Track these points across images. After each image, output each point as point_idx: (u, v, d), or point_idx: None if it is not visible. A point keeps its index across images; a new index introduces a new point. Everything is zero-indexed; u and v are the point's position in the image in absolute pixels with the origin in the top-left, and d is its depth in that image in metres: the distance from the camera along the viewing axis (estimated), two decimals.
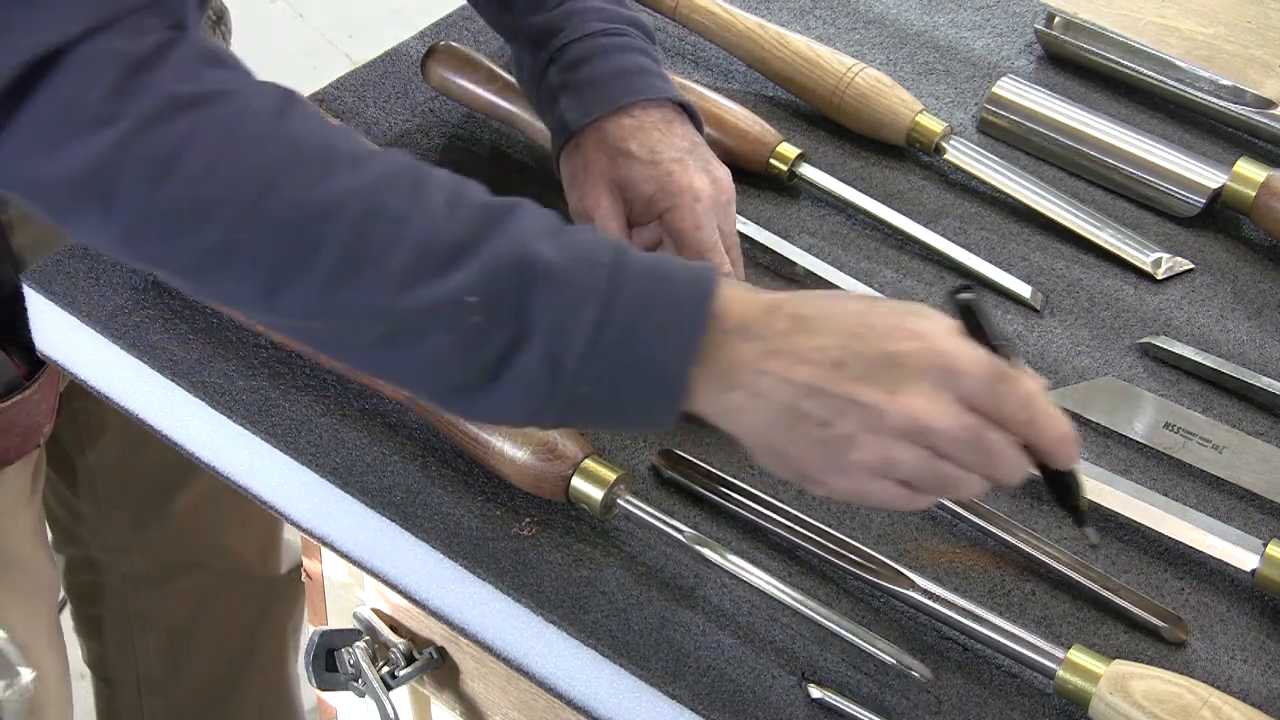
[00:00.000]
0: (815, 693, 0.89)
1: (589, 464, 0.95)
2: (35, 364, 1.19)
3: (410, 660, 1.09)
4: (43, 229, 1.26)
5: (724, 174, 1.04)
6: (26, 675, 1.40)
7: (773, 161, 1.21)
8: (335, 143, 0.79)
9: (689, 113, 1.06)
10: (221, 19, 1.42)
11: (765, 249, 1.15)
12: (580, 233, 0.81)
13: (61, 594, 1.54)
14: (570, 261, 0.78)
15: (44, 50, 0.76)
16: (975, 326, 0.81)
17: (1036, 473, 0.84)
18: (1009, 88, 1.29)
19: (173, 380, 1.04)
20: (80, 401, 1.36)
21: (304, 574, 1.30)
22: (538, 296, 0.77)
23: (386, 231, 0.77)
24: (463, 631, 0.98)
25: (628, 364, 0.78)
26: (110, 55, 0.77)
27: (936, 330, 0.80)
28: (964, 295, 0.81)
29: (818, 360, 0.78)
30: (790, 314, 0.80)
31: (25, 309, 1.12)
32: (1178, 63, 1.31)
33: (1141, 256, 1.18)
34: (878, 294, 1.12)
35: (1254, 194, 1.18)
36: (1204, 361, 1.09)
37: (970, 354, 0.79)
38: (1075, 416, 1.06)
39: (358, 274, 0.77)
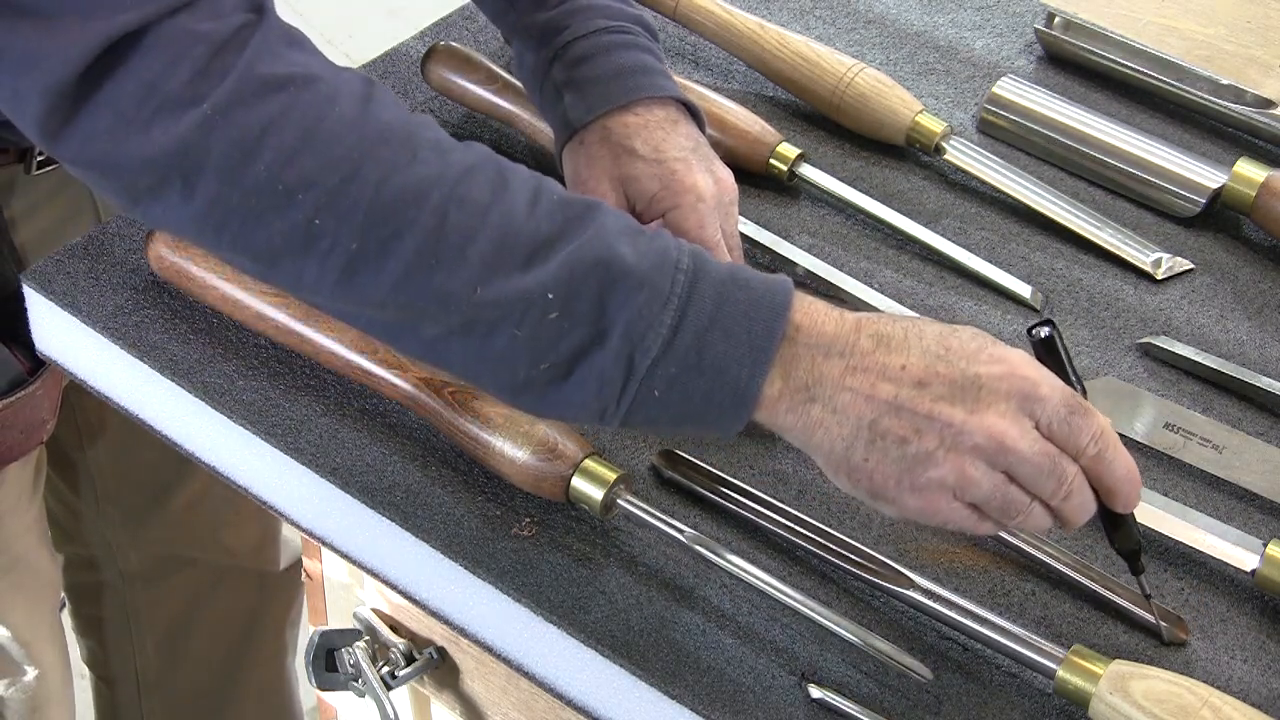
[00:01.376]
0: (815, 693, 0.89)
1: (589, 464, 0.95)
2: (39, 360, 1.19)
3: (410, 660, 1.09)
4: (45, 226, 1.26)
5: (727, 174, 1.04)
6: (29, 673, 1.40)
7: (773, 161, 1.21)
8: (419, 130, 0.80)
9: (692, 112, 1.06)
10: None
11: (765, 249, 1.15)
12: (659, 237, 0.81)
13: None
14: (651, 265, 0.78)
15: (125, 29, 0.75)
16: (1053, 360, 0.83)
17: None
18: (1009, 88, 1.29)
19: (173, 380, 1.04)
20: (80, 399, 1.36)
21: (304, 574, 1.30)
22: (616, 297, 0.78)
23: (468, 222, 0.77)
24: (463, 631, 0.98)
25: (700, 369, 0.79)
26: (193, 35, 0.76)
27: (1019, 357, 0.82)
28: (1045, 330, 0.84)
29: (901, 378, 0.80)
30: (873, 333, 0.81)
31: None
32: (1178, 63, 1.31)
33: (1141, 256, 1.18)
34: (885, 298, 1.13)
35: (1254, 194, 1.18)
36: (1204, 361, 1.09)
37: (1051, 382, 0.81)
38: None
39: (437, 263, 0.77)
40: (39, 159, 1.21)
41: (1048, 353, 0.84)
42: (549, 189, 0.81)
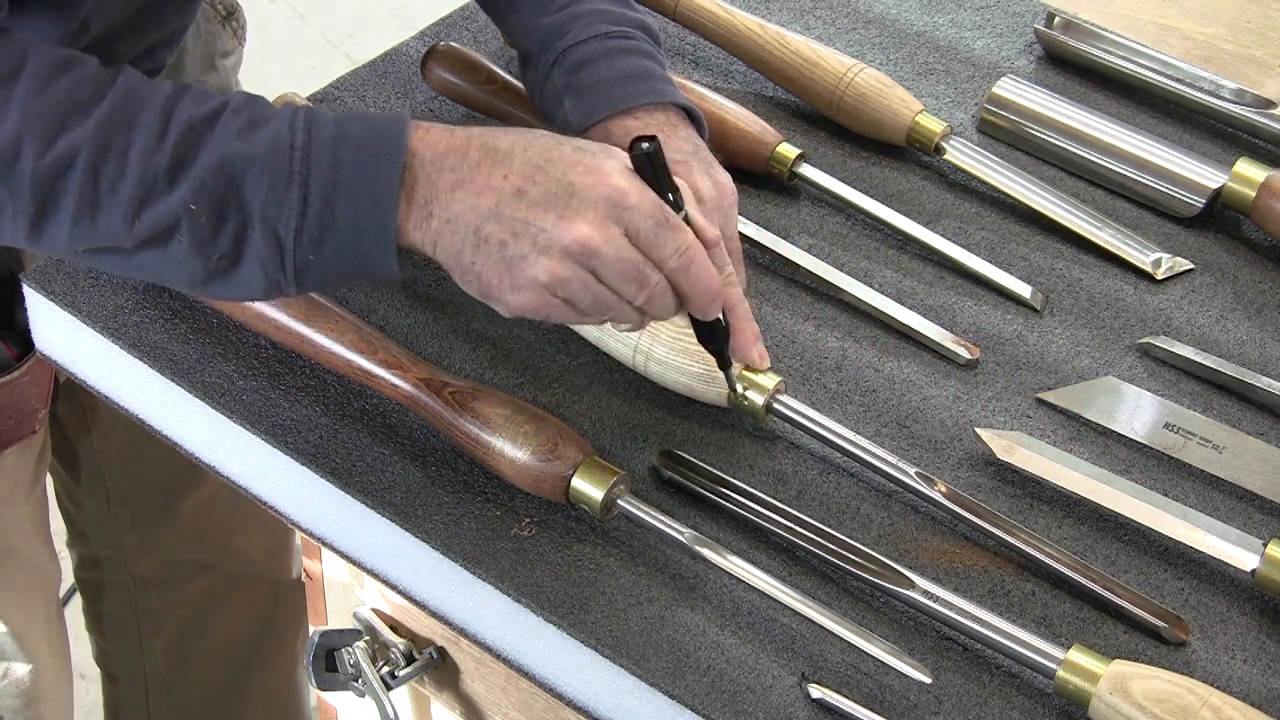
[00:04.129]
0: (815, 693, 0.89)
1: (589, 464, 0.95)
2: (27, 348, 1.19)
3: (410, 660, 1.09)
4: None
5: (726, 178, 1.04)
6: (21, 668, 1.40)
7: (773, 161, 1.21)
8: (64, 94, 0.88)
9: (693, 117, 1.06)
10: (233, 14, 1.42)
11: (765, 249, 1.15)
12: (273, 122, 0.89)
13: (65, 590, 1.53)
14: (266, 151, 0.88)
15: None
16: (652, 176, 0.91)
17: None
18: (1009, 88, 1.29)
19: (173, 380, 1.04)
20: (79, 388, 1.35)
21: (304, 574, 1.30)
22: (246, 189, 0.88)
23: (113, 170, 0.88)
24: (463, 631, 0.98)
25: (338, 228, 0.88)
26: None
27: (613, 168, 0.90)
28: (644, 145, 0.90)
29: (502, 188, 0.88)
30: (481, 146, 0.89)
31: (21, 294, 1.12)
32: (1178, 63, 1.31)
33: (1141, 256, 1.18)
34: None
35: (1254, 194, 1.18)
36: (1204, 361, 1.09)
37: (641, 193, 0.89)
38: (1075, 417, 1.06)
39: (97, 210, 0.89)
40: None
41: (648, 167, 0.91)
42: (179, 110, 0.89)
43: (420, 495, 0.98)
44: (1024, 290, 1.14)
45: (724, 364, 0.99)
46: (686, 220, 0.92)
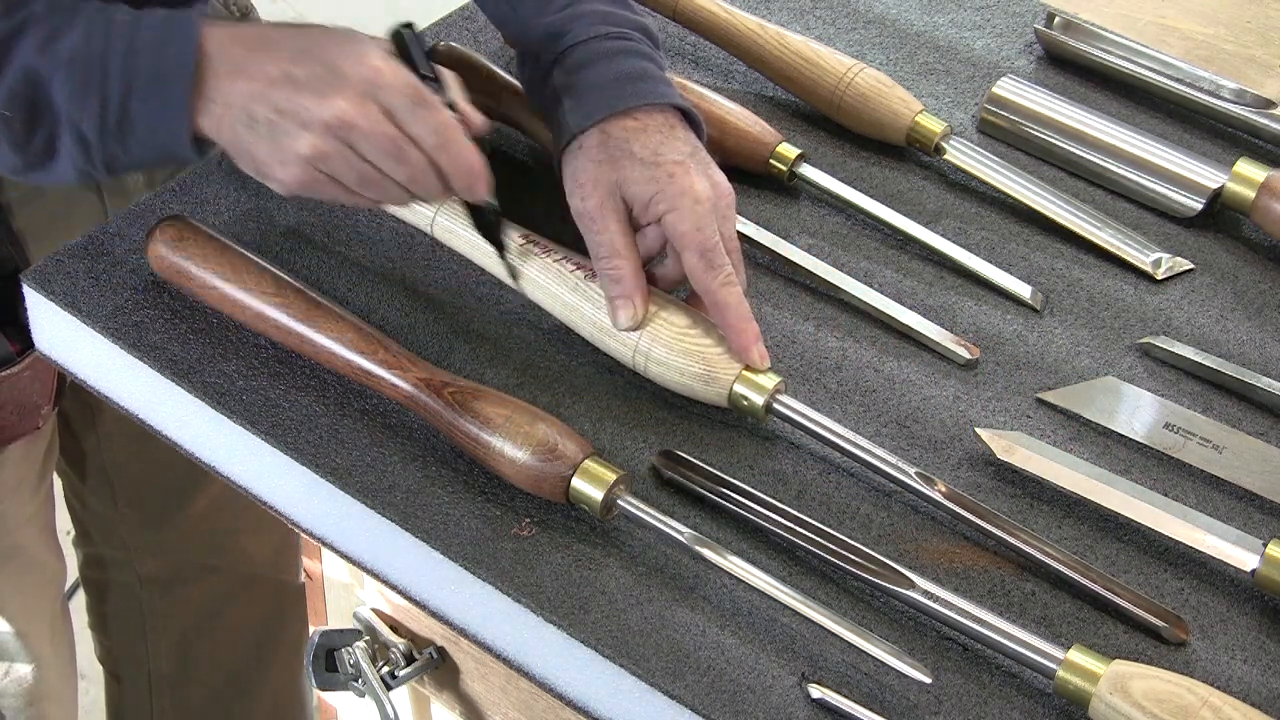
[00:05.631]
0: (815, 693, 0.89)
1: (589, 465, 0.95)
2: (31, 343, 1.19)
3: (410, 660, 1.09)
4: (43, 212, 1.26)
5: (723, 180, 1.05)
6: (24, 667, 1.40)
7: (773, 161, 1.21)
8: None
9: (690, 119, 1.07)
10: (247, 17, 1.42)
11: (765, 249, 1.15)
12: (78, 29, 0.95)
13: (69, 585, 1.54)
14: (67, 61, 0.95)
15: None
16: (409, 59, 0.97)
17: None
18: (1009, 88, 1.29)
19: (173, 380, 1.04)
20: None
21: (304, 574, 1.30)
22: (52, 96, 0.96)
23: None
24: (463, 631, 0.98)
25: (134, 129, 0.96)
26: None
27: (373, 52, 0.95)
28: (400, 29, 0.96)
29: (271, 73, 0.95)
30: (259, 36, 0.97)
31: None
32: (1178, 63, 1.31)
33: (1141, 256, 1.18)
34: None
35: (1254, 194, 1.18)
36: (1204, 361, 1.09)
37: (396, 73, 0.95)
38: (1075, 417, 1.06)
39: None
40: None
41: (405, 50, 0.97)
42: None
43: (420, 495, 0.98)
44: (1024, 290, 1.14)
45: (500, 249, 1.04)
46: (453, 108, 0.97)
